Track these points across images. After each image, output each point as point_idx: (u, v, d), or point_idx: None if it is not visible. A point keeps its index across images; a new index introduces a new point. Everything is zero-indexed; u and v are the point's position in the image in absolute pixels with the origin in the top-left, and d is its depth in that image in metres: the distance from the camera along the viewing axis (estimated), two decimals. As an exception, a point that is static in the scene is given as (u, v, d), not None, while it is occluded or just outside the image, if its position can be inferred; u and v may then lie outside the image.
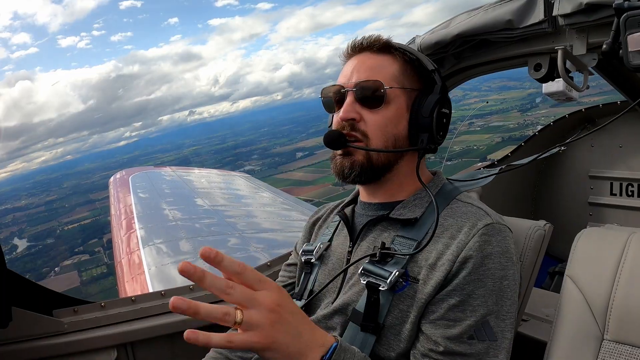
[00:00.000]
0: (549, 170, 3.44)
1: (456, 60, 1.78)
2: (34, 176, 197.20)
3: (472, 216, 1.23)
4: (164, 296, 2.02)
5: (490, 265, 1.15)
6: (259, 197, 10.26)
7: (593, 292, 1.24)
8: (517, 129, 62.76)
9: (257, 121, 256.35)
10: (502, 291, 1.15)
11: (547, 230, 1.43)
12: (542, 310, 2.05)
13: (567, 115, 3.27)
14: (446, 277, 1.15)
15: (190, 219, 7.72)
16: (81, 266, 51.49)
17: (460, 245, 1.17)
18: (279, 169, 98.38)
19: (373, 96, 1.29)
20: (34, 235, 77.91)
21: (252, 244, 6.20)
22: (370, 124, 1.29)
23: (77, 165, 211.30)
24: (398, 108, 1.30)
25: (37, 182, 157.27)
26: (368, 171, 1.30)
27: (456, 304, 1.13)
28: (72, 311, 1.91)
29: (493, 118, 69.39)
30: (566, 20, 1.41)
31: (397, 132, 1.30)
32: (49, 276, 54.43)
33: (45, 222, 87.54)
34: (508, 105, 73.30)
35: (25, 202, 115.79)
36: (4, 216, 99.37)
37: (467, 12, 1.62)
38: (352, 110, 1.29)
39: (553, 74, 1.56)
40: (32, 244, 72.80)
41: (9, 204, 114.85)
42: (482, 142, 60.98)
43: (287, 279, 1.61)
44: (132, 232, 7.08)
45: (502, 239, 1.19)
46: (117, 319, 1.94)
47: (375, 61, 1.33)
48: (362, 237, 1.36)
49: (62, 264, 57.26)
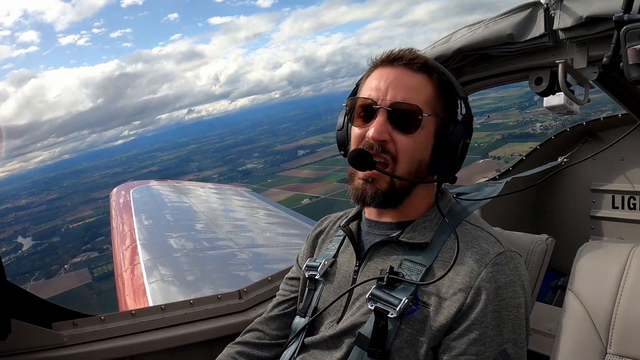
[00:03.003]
0: (551, 183, 3.42)
1: (457, 75, 1.78)
2: (32, 176, 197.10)
3: (483, 243, 1.22)
4: (164, 310, 2.01)
5: (504, 295, 1.15)
6: (258, 213, 10.29)
7: (596, 306, 1.24)
8: (516, 126, 62.83)
9: (255, 119, 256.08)
10: (518, 319, 1.16)
11: (549, 244, 1.43)
12: (545, 324, 2.04)
13: (568, 129, 3.26)
14: (460, 309, 1.15)
15: (190, 234, 7.75)
16: (91, 263, 51.68)
17: (472, 274, 1.16)
18: (282, 167, 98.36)
19: (409, 120, 1.24)
20: (38, 234, 78.01)
21: (252, 259, 6.22)
22: (400, 147, 1.24)
23: (75, 165, 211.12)
24: (428, 133, 1.27)
25: (35, 182, 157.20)
26: (389, 198, 1.27)
27: (477, 338, 1.13)
28: (71, 324, 1.90)
29: (492, 116, 69.41)
30: (567, 34, 1.41)
31: (422, 158, 1.27)
32: (59, 274, 54.63)
33: (48, 220, 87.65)
34: (507, 104, 73.33)
35: (26, 201, 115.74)
36: (5, 215, 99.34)
37: (468, 26, 1.62)
38: (385, 131, 1.23)
39: (554, 88, 1.56)
40: (38, 243, 72.86)
41: (9, 204, 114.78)
42: (482, 140, 61.04)
43: (290, 293, 1.60)
44: (132, 246, 7.09)
45: (514, 267, 1.19)
46: (117, 332, 1.93)
47: (413, 81, 1.27)
48: (369, 257, 1.34)
49: (71, 262, 57.44)
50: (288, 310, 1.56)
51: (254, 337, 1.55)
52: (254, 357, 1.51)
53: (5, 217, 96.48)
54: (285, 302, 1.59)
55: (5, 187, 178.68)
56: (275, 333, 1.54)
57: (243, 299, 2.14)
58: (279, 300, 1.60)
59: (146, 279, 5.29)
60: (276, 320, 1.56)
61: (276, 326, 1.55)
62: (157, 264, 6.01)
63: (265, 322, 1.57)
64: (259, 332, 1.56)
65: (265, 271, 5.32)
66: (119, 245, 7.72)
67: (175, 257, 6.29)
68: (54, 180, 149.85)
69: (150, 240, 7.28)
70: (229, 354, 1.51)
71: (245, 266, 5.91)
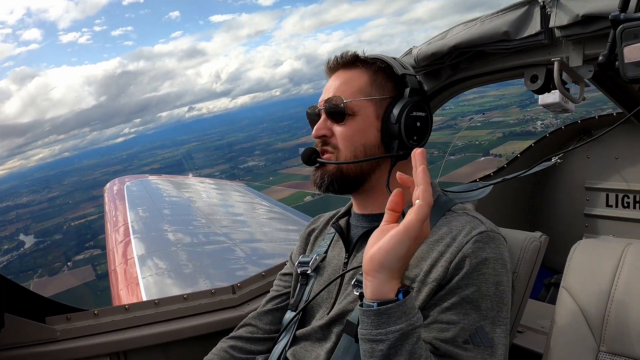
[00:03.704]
0: (545, 181, 3.44)
1: (452, 72, 1.78)
2: (32, 174, 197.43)
3: (467, 224, 1.23)
4: (158, 305, 2.01)
5: (484, 270, 1.15)
6: (255, 208, 10.29)
7: (589, 303, 1.24)
8: (517, 124, 62.78)
9: (255, 117, 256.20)
10: (497, 297, 1.15)
11: (542, 241, 1.43)
12: (538, 321, 2.03)
13: (562, 127, 3.27)
14: (440, 283, 1.15)
15: (186, 229, 7.73)
16: (94, 260, 51.76)
17: (454, 251, 1.17)
18: (283, 165, 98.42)
19: (337, 111, 1.34)
20: (40, 232, 78.19)
21: (247, 254, 6.21)
22: (338, 137, 1.35)
23: (75, 163, 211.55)
24: (365, 118, 1.34)
25: (35, 180, 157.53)
26: (339, 181, 1.35)
27: (449, 307, 1.13)
28: (64, 318, 1.89)
29: (493, 114, 69.43)
30: (562, 32, 1.41)
31: (367, 142, 1.34)
32: (62, 271, 54.76)
33: (50, 218, 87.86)
34: (507, 101, 73.27)
35: (27, 199, 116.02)
36: (6, 213, 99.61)
37: (464, 23, 1.62)
38: (324, 127, 1.37)
39: (549, 86, 1.55)
40: (40, 240, 73.03)
41: (10, 201, 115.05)
42: (483, 137, 61.06)
43: (283, 288, 1.61)
44: (126, 241, 7.07)
45: (496, 246, 1.19)
46: (110, 327, 1.92)
47: (344, 77, 1.39)
48: (357, 249, 1.37)
49: (75, 259, 57.62)
50: (281, 305, 1.58)
51: (247, 331, 1.56)
52: (247, 351, 1.52)
53: (7, 215, 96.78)
54: (278, 297, 1.61)
55: (5, 185, 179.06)
56: (268, 327, 1.56)
57: (237, 294, 2.14)
58: (273, 295, 1.62)
59: (140, 273, 5.29)
60: (269, 315, 1.58)
61: (269, 320, 1.57)
62: (151, 258, 6.01)
63: (259, 317, 1.58)
64: (252, 326, 1.57)
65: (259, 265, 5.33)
66: (112, 239, 7.71)
67: (168, 251, 6.28)
68: (54, 178, 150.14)
69: (144, 234, 7.27)
70: (221, 348, 1.53)
71: (239, 261, 5.91)
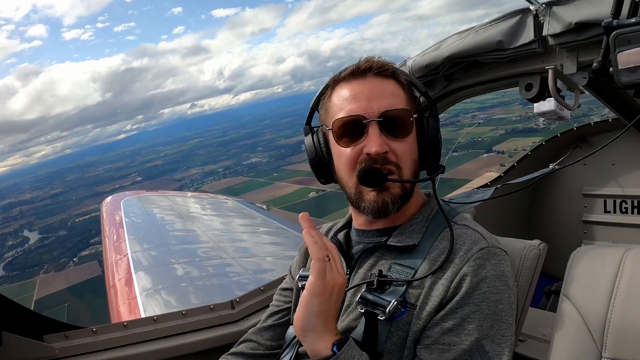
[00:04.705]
0: (543, 189, 3.43)
1: (447, 82, 1.77)
2: (35, 170, 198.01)
3: (468, 239, 1.22)
4: (157, 322, 2.00)
5: (485, 288, 1.14)
6: (251, 222, 10.31)
7: (590, 310, 1.23)
8: (519, 121, 62.73)
9: (257, 114, 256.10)
10: (497, 315, 1.14)
11: (542, 249, 1.42)
12: (539, 330, 2.03)
13: (559, 135, 3.26)
14: (441, 302, 1.15)
15: (184, 244, 7.75)
16: (100, 256, 52.08)
17: (454, 269, 1.16)
18: (286, 161, 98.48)
19: (402, 126, 1.23)
20: (44, 228, 78.68)
21: (245, 269, 6.23)
22: (400, 154, 1.24)
23: (78, 159, 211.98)
24: (414, 134, 1.28)
25: (38, 176, 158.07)
26: (402, 204, 1.27)
27: (450, 328, 1.12)
28: (63, 336, 1.89)
29: (495, 111, 69.29)
30: (556, 40, 1.41)
31: (416, 158, 1.30)
32: (68, 266, 55.17)
33: (54, 214, 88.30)
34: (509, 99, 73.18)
35: (30, 195, 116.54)
36: (9, 209, 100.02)
37: (458, 33, 1.61)
38: (383, 142, 1.21)
39: (544, 94, 1.55)
40: (44, 236, 73.46)
41: (13, 198, 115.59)
42: (486, 134, 60.97)
43: (283, 303, 1.59)
44: (124, 257, 7.08)
45: (497, 262, 1.18)
46: (108, 344, 1.91)
47: (388, 87, 1.26)
48: (359, 265, 1.34)
49: (80, 254, 58.09)
50: (282, 320, 1.56)
51: (248, 347, 1.55)
52: None
53: (10, 212, 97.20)
54: (279, 312, 1.59)
55: (8, 182, 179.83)
56: (270, 343, 1.54)
57: (236, 309, 2.14)
58: (273, 311, 1.60)
59: (138, 290, 5.28)
60: (270, 331, 1.56)
61: (270, 336, 1.55)
62: (149, 274, 6.01)
63: (259, 333, 1.57)
64: (253, 342, 1.55)
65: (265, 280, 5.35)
66: (110, 257, 7.72)
67: (167, 268, 6.28)
68: (57, 175, 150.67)
69: (141, 252, 7.27)
70: None
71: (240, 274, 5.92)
